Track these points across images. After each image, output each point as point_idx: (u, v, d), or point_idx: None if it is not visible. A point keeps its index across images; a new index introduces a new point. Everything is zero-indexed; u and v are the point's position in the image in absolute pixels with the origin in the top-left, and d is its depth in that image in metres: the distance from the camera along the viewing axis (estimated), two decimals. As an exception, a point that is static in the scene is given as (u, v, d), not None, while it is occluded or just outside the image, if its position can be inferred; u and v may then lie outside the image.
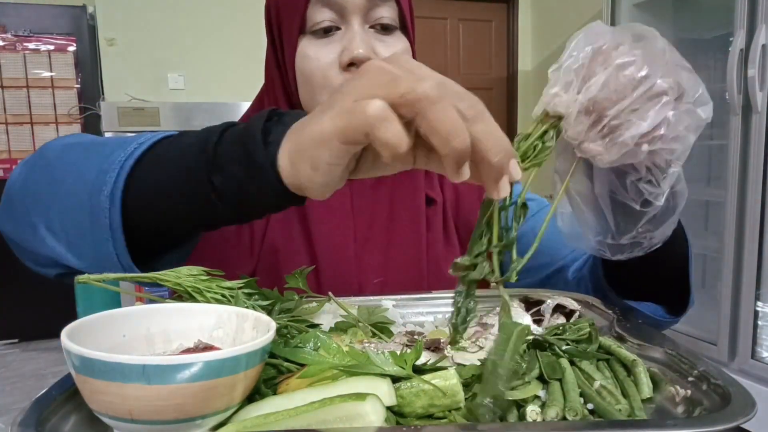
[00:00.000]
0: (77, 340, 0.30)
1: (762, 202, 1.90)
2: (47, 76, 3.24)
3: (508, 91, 4.26)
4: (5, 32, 3.14)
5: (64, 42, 3.24)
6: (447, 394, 0.34)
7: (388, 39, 0.66)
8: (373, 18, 0.64)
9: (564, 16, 3.72)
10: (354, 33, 0.63)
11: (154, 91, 3.29)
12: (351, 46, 0.62)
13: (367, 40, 0.63)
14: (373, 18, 0.64)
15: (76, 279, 0.40)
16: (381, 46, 0.65)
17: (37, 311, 3.20)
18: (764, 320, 1.96)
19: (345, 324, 0.48)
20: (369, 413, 0.30)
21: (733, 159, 1.95)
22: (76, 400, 0.34)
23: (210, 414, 0.30)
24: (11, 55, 3.16)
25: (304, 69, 0.65)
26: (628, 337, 0.45)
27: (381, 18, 0.64)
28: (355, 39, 0.62)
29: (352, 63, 0.62)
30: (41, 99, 3.24)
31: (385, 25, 0.65)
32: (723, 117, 2.03)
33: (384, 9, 0.64)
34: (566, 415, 0.34)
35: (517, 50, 4.16)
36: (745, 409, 0.31)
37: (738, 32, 1.90)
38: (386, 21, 0.65)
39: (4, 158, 3.22)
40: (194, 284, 0.42)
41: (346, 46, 0.63)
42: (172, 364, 0.28)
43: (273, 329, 0.34)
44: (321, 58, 0.63)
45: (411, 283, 0.69)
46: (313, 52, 0.64)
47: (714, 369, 0.36)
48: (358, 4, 0.63)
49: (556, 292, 0.57)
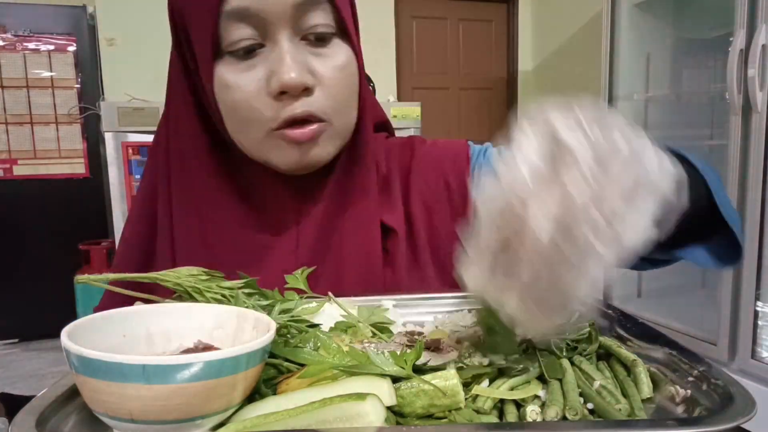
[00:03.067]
0: (77, 340, 0.30)
1: (762, 202, 1.89)
2: (47, 76, 3.24)
3: (508, 91, 4.26)
4: (5, 32, 3.14)
5: (64, 42, 3.24)
6: (447, 394, 0.34)
7: (326, 51, 0.55)
8: (305, 27, 0.53)
9: (564, 16, 3.72)
10: (282, 52, 0.52)
11: (154, 91, 3.28)
12: (280, 69, 0.51)
13: (298, 59, 0.52)
14: (304, 27, 0.53)
15: (76, 279, 0.40)
16: (318, 63, 0.54)
17: (37, 311, 3.21)
18: (764, 320, 1.96)
19: (345, 324, 0.48)
20: (369, 413, 0.30)
21: (733, 159, 1.95)
22: (76, 400, 0.34)
23: (210, 414, 0.30)
24: (11, 55, 3.16)
25: (226, 100, 0.54)
26: (628, 337, 0.45)
27: (314, 27, 0.53)
28: (284, 60, 0.51)
29: (284, 91, 0.52)
30: (41, 99, 3.24)
31: (320, 35, 0.54)
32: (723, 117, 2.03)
33: (316, 15, 0.53)
34: (566, 415, 0.34)
35: (517, 50, 4.16)
36: (745, 409, 0.31)
37: (738, 32, 1.90)
38: (321, 29, 0.54)
39: (4, 158, 3.22)
40: (194, 284, 0.42)
41: (273, 69, 0.52)
42: (172, 364, 0.28)
43: (273, 329, 0.34)
44: (244, 87, 0.53)
45: None
46: (234, 79, 0.53)
47: (714, 369, 0.36)
48: (282, 13, 0.51)
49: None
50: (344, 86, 0.56)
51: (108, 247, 3.06)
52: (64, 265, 3.04)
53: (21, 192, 3.25)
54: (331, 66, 0.55)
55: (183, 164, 0.61)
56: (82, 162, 3.34)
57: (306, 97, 0.53)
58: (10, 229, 3.25)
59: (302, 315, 0.45)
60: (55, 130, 3.28)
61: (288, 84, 0.51)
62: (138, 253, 0.64)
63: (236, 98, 0.54)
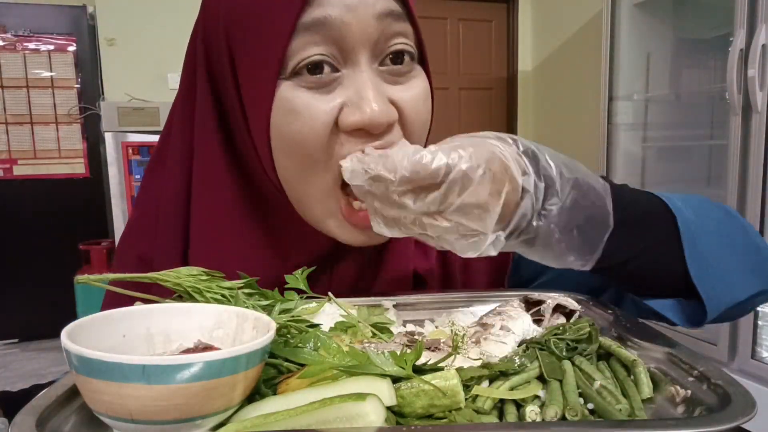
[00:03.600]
0: (77, 340, 0.30)
1: (762, 202, 1.90)
2: (47, 76, 3.24)
3: (508, 91, 4.26)
4: (5, 32, 3.14)
5: (64, 42, 3.24)
6: (447, 395, 0.34)
7: (404, 79, 0.47)
8: (384, 49, 0.45)
9: (564, 16, 3.71)
10: (363, 78, 0.44)
11: (154, 91, 3.29)
12: (361, 101, 0.43)
13: (381, 88, 0.45)
14: (383, 49, 0.45)
15: (76, 279, 0.40)
16: (397, 92, 0.46)
17: (37, 311, 3.21)
18: (764, 320, 1.96)
19: (345, 324, 0.48)
20: (369, 413, 0.30)
21: (733, 159, 1.95)
22: (76, 401, 0.34)
23: (210, 414, 0.30)
24: (11, 55, 3.17)
25: (290, 131, 0.44)
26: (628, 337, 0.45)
27: (394, 45, 0.45)
28: (366, 89, 0.43)
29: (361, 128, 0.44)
30: (41, 99, 3.24)
31: (399, 54, 0.46)
32: (723, 117, 2.03)
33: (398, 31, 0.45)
34: (566, 414, 0.34)
35: (517, 50, 4.16)
36: (745, 410, 0.31)
37: (738, 32, 1.90)
38: (401, 47, 0.46)
39: (4, 158, 3.22)
40: (194, 284, 0.42)
41: (351, 99, 0.44)
42: (172, 364, 0.28)
43: (273, 329, 0.34)
44: (316, 117, 0.43)
45: None
46: (304, 104, 0.44)
47: (714, 369, 0.36)
48: (365, 26, 0.43)
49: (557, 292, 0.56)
50: (424, 120, 0.49)
51: (108, 247, 3.06)
52: (64, 265, 3.04)
53: (21, 192, 3.25)
54: (412, 97, 0.47)
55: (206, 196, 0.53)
56: (82, 162, 3.34)
57: (387, 135, 0.45)
58: (10, 229, 3.25)
59: (302, 315, 0.45)
60: (55, 130, 3.28)
61: (371, 122, 0.43)
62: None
63: (301, 129, 0.44)
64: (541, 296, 0.54)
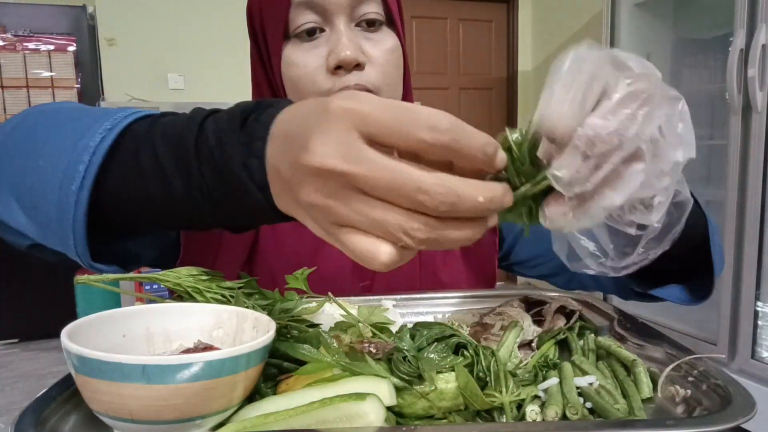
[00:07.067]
0: (77, 340, 0.30)
1: (762, 202, 1.89)
2: (47, 76, 3.24)
3: (508, 91, 4.26)
4: (5, 32, 3.14)
5: (64, 42, 3.24)
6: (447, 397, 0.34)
7: (376, 36, 0.64)
8: (358, 15, 0.63)
9: (564, 16, 3.72)
10: (339, 34, 0.61)
11: (154, 91, 3.29)
12: (337, 48, 0.60)
13: (353, 40, 0.61)
14: (357, 15, 0.63)
15: (76, 279, 0.40)
16: (368, 45, 0.63)
17: (37, 311, 3.21)
18: (764, 320, 1.96)
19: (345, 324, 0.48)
20: (369, 413, 0.30)
21: (733, 159, 1.95)
22: (76, 400, 0.34)
23: (210, 414, 0.30)
24: (11, 55, 3.16)
25: (291, 76, 0.63)
26: (628, 337, 0.45)
27: (366, 14, 0.63)
28: (341, 40, 0.60)
29: (340, 66, 0.61)
30: (41, 99, 3.23)
31: (370, 21, 0.63)
32: (723, 117, 2.03)
33: (369, 5, 0.63)
34: (567, 413, 0.34)
35: (517, 50, 4.16)
36: (745, 409, 0.31)
37: (738, 32, 1.90)
38: (372, 16, 0.63)
39: (4, 158, 3.22)
40: (194, 284, 0.42)
41: (332, 48, 0.61)
42: (172, 364, 0.28)
43: (273, 329, 0.34)
44: (308, 64, 0.62)
45: (401, 288, 0.65)
46: (299, 57, 0.62)
47: (714, 369, 0.36)
48: (340, 3, 0.61)
49: (557, 292, 0.57)
50: (392, 66, 0.65)
51: (108, 247, 3.06)
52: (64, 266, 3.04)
53: (21, 192, 3.25)
54: (381, 48, 0.63)
55: None
56: (82, 162, 3.34)
57: (359, 71, 0.62)
58: (10, 229, 3.25)
59: (302, 315, 0.45)
60: (55, 130, 3.28)
61: (344, 59, 0.60)
62: None
63: (299, 74, 0.62)
64: (541, 296, 0.55)
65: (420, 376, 0.34)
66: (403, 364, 0.35)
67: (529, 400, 0.36)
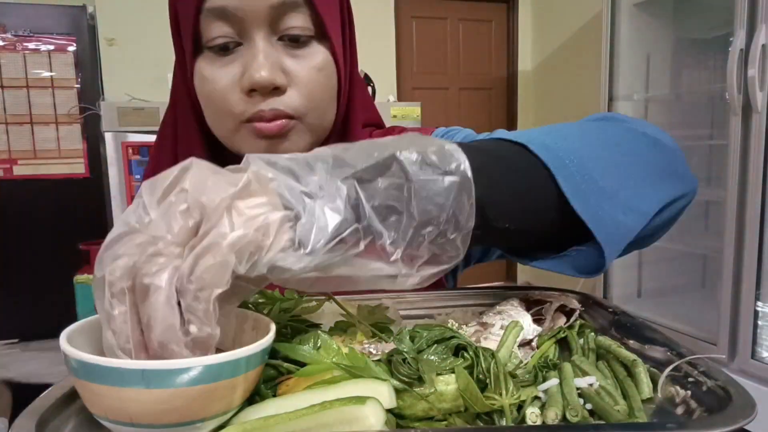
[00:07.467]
0: (76, 344, 0.30)
1: (762, 202, 1.89)
2: (47, 76, 3.24)
3: (508, 91, 4.26)
4: (5, 32, 3.14)
5: (64, 42, 3.23)
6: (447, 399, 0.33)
7: (302, 52, 0.56)
8: (281, 29, 0.54)
9: (564, 16, 3.71)
10: (256, 50, 0.53)
11: (154, 91, 3.29)
12: (251, 68, 0.53)
13: (272, 58, 0.54)
14: (280, 29, 0.54)
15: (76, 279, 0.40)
16: (292, 62, 0.56)
17: (37, 311, 3.21)
18: (764, 320, 1.96)
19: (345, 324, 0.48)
20: (369, 416, 0.30)
21: (733, 159, 1.95)
22: (76, 402, 0.34)
23: (210, 417, 0.30)
24: (11, 55, 3.16)
25: (202, 91, 0.57)
26: (628, 337, 0.45)
27: (290, 28, 0.55)
28: (256, 58, 0.53)
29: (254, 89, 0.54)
30: (41, 99, 3.23)
31: (294, 37, 0.55)
32: (723, 117, 2.03)
33: (294, 17, 0.54)
34: (567, 414, 0.34)
35: (517, 50, 4.16)
36: (745, 410, 0.31)
37: (738, 32, 1.90)
38: (296, 32, 0.55)
39: (4, 158, 3.22)
40: (194, 286, 0.42)
41: (246, 67, 0.54)
42: (171, 368, 0.28)
43: (273, 330, 0.34)
44: (218, 81, 0.55)
45: None
46: (210, 73, 0.56)
47: (714, 369, 0.36)
48: (258, 14, 0.53)
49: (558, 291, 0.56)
50: (319, 85, 0.58)
51: (108, 247, 3.05)
52: (64, 265, 3.04)
53: (21, 192, 3.25)
54: (306, 66, 0.56)
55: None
56: (82, 162, 3.34)
57: (277, 96, 0.55)
58: (10, 229, 3.25)
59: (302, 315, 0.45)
60: (55, 130, 3.28)
61: (258, 82, 0.53)
62: None
63: (209, 89, 0.56)
64: (542, 295, 0.55)
65: (420, 378, 0.34)
66: (403, 366, 0.35)
67: (529, 401, 0.36)
